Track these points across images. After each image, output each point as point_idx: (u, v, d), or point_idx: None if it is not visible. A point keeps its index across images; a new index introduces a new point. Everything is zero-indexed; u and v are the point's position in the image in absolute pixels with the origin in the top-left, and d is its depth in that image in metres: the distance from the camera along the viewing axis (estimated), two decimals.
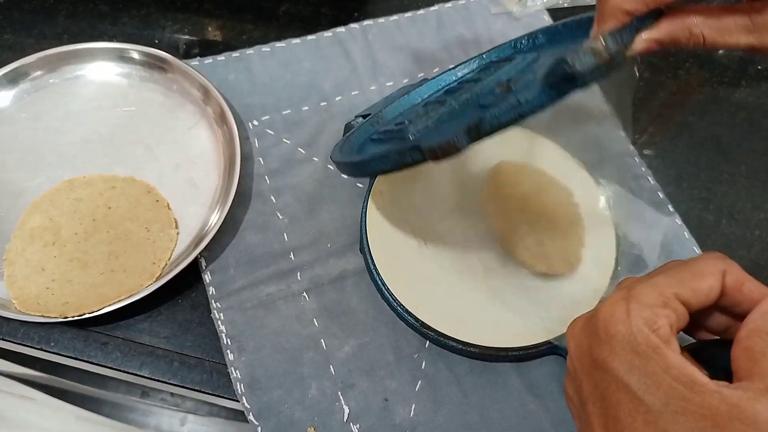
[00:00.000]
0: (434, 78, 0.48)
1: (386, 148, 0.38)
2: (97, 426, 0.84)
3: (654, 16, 0.32)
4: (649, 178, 0.52)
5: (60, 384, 0.76)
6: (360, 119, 0.48)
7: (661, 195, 0.51)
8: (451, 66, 0.49)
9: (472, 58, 0.48)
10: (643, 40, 0.32)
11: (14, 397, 0.78)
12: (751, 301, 0.28)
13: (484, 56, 0.47)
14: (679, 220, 0.50)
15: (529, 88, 0.31)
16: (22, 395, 0.79)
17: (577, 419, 0.31)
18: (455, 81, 0.46)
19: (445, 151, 0.31)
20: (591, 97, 0.56)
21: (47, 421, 0.82)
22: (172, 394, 0.69)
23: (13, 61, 0.51)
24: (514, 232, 0.45)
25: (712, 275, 0.28)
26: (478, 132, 0.31)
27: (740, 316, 0.29)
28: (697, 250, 0.49)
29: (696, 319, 0.30)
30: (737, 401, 0.24)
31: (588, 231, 0.47)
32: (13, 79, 0.51)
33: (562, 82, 0.30)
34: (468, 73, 0.45)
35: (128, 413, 0.85)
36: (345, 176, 0.49)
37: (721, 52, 0.61)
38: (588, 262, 0.46)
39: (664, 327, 0.27)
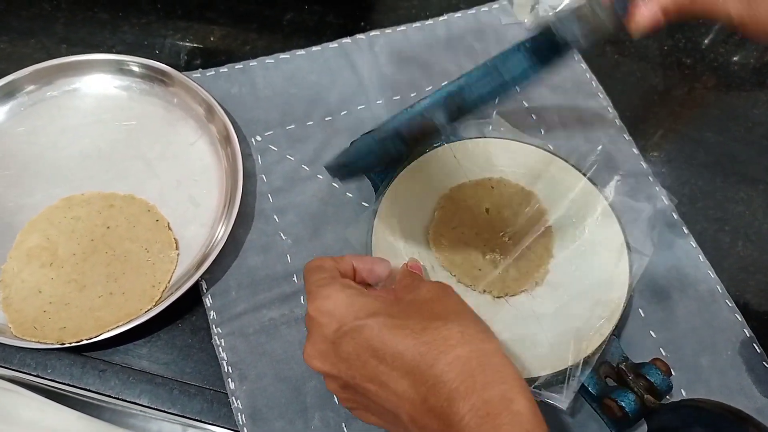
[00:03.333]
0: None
1: (369, 140, 0.36)
2: (100, 427, 0.83)
3: None
4: (663, 198, 0.51)
5: (61, 389, 0.75)
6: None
7: (675, 216, 0.50)
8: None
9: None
10: (648, 11, 0.33)
11: (14, 394, 0.78)
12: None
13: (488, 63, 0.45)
14: (693, 243, 0.49)
15: (512, 60, 0.29)
16: (23, 394, 0.78)
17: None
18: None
19: (423, 129, 0.29)
20: (604, 115, 0.54)
21: (49, 419, 0.82)
22: None
23: (9, 73, 0.49)
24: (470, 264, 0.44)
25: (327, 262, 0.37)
26: (456, 105, 0.29)
27: None
28: (713, 275, 0.47)
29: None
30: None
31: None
32: (9, 92, 0.49)
33: (546, 49, 0.28)
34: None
35: (129, 418, 0.84)
36: (337, 181, 0.48)
37: (736, 63, 0.60)
38: (601, 284, 0.44)
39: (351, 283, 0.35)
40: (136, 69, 0.51)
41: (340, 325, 0.32)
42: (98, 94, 0.51)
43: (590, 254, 0.45)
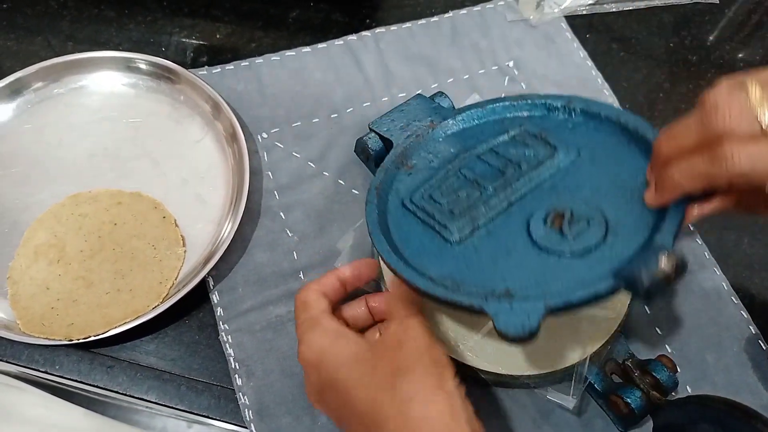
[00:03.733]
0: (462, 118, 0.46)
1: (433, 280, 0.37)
2: (105, 423, 0.84)
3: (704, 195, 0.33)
4: None
5: (67, 386, 0.75)
6: (373, 135, 0.47)
7: None
8: (469, 81, 0.47)
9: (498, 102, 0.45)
10: (693, 215, 0.35)
11: (20, 391, 0.78)
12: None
13: (515, 104, 0.45)
14: (699, 240, 0.49)
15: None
16: (27, 391, 0.78)
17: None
18: (486, 142, 0.43)
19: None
20: None
21: (54, 416, 0.82)
22: None
23: (16, 70, 0.50)
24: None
25: (312, 295, 0.38)
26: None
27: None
28: (718, 272, 0.47)
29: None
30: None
31: None
32: (16, 89, 0.50)
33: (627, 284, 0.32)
34: (502, 141, 0.43)
35: (134, 414, 0.85)
36: (344, 178, 0.49)
37: (741, 60, 0.60)
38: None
39: (330, 324, 0.37)
40: (143, 66, 0.51)
41: (319, 376, 0.35)
42: (105, 92, 0.51)
43: None
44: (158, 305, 0.42)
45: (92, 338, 0.41)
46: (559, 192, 0.39)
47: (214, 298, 0.44)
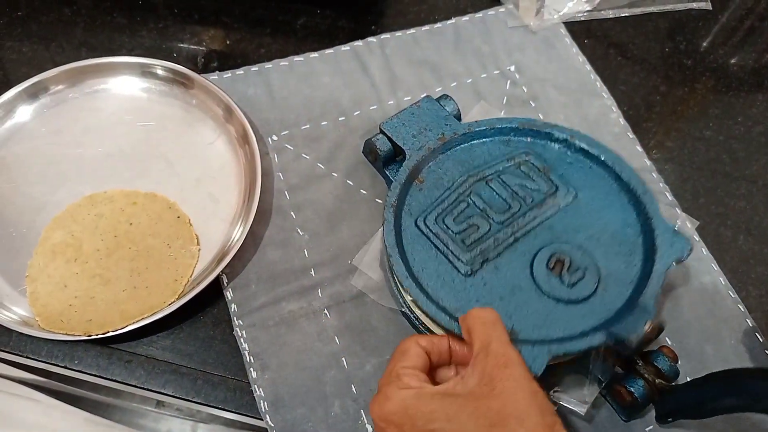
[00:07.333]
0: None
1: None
2: (107, 429, 0.84)
3: None
4: (667, 194, 0.52)
5: (73, 391, 0.76)
6: (381, 136, 0.48)
7: (678, 210, 0.51)
8: (473, 86, 0.49)
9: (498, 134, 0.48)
10: None
11: (21, 398, 0.78)
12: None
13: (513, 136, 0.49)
14: (696, 236, 0.50)
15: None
16: (29, 397, 0.79)
17: None
18: (491, 166, 0.47)
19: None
20: (608, 114, 0.56)
21: (55, 422, 0.82)
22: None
23: (32, 76, 0.51)
24: None
25: (414, 349, 0.35)
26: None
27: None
28: (716, 267, 0.49)
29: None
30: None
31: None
32: (33, 93, 0.51)
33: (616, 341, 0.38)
34: (508, 168, 0.47)
35: (139, 418, 0.85)
36: (352, 178, 0.51)
37: (734, 64, 0.62)
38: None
39: (411, 382, 0.33)
40: (159, 72, 0.52)
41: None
42: (119, 96, 0.53)
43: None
44: (174, 302, 0.43)
45: (110, 333, 0.42)
46: (559, 233, 0.44)
47: (228, 294, 0.45)
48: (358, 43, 0.57)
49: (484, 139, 0.48)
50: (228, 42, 0.58)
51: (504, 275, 0.42)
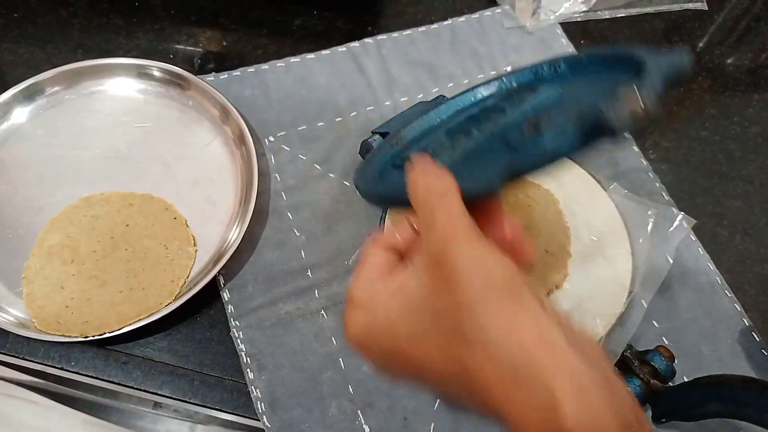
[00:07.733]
0: (453, 98, 0.47)
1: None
2: (104, 430, 0.84)
3: None
4: (663, 194, 0.52)
5: (70, 393, 0.76)
6: (377, 137, 0.48)
7: (675, 210, 0.51)
8: (469, 86, 0.49)
9: (491, 80, 0.47)
10: None
11: (18, 400, 0.78)
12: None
13: (504, 80, 0.46)
14: (693, 236, 0.50)
15: (559, 134, 0.30)
16: (26, 399, 0.79)
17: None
18: (476, 106, 0.45)
19: (478, 195, 0.31)
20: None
21: (53, 424, 0.82)
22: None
23: (29, 77, 0.51)
24: None
25: (369, 253, 0.31)
26: (509, 176, 0.31)
27: None
28: (712, 267, 0.49)
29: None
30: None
31: (604, 246, 0.47)
32: (29, 95, 0.51)
33: (594, 133, 0.29)
34: (488, 98, 0.45)
35: (136, 420, 0.85)
36: (349, 180, 0.49)
37: (730, 65, 0.62)
38: (605, 278, 0.46)
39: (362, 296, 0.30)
40: (155, 73, 0.52)
41: (380, 349, 0.29)
42: (116, 97, 0.53)
43: (598, 252, 0.47)
44: (170, 303, 0.43)
45: (107, 335, 0.42)
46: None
47: (225, 295, 0.45)
48: (355, 44, 0.58)
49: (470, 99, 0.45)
50: (224, 43, 0.58)
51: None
